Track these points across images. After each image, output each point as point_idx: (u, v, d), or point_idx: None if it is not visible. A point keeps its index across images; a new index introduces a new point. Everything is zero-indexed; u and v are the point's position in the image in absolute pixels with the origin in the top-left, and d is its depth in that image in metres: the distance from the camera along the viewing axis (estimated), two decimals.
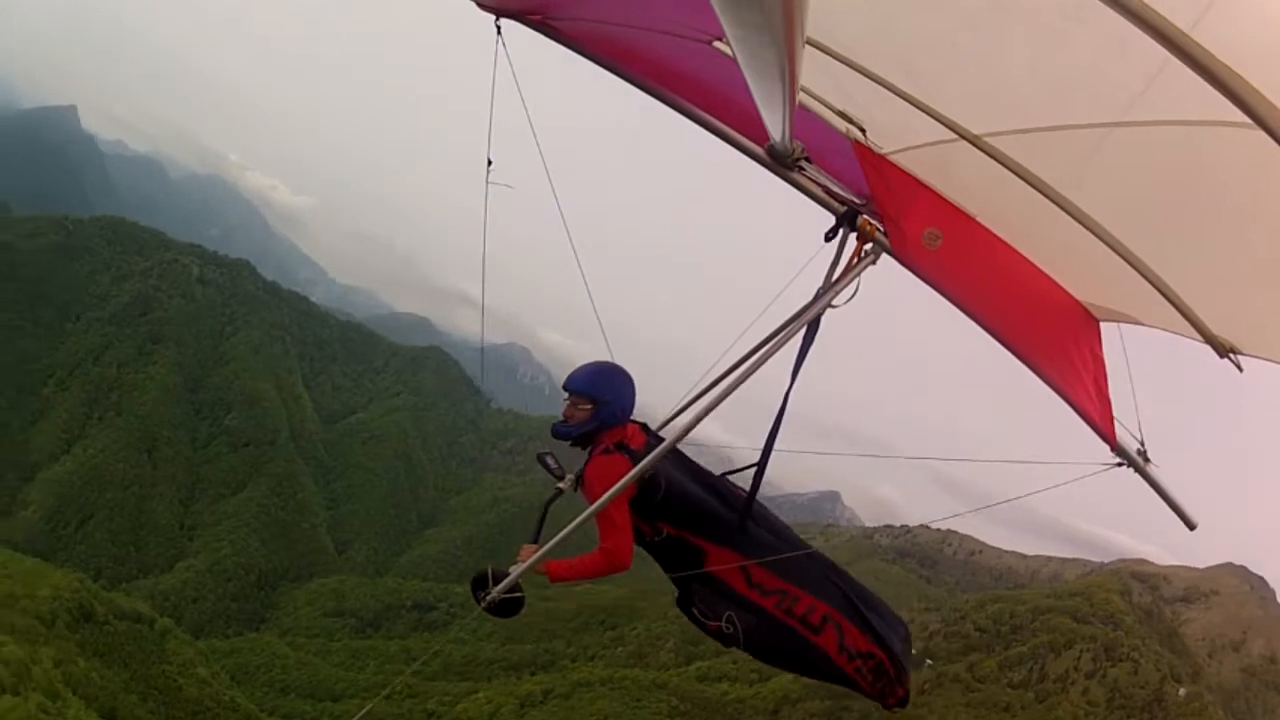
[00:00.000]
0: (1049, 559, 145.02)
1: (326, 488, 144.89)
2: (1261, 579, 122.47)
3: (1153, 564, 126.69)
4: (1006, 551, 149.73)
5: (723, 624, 5.11)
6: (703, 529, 5.15)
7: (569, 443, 5.44)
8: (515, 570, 5.29)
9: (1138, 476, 4.97)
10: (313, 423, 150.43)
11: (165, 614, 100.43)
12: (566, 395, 5.39)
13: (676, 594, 5.30)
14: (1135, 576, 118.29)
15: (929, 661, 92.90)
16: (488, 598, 5.31)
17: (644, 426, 5.48)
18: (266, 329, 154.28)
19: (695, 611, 5.20)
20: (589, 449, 5.36)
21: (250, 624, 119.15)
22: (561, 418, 5.43)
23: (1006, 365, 4.75)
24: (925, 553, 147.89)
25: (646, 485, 5.04)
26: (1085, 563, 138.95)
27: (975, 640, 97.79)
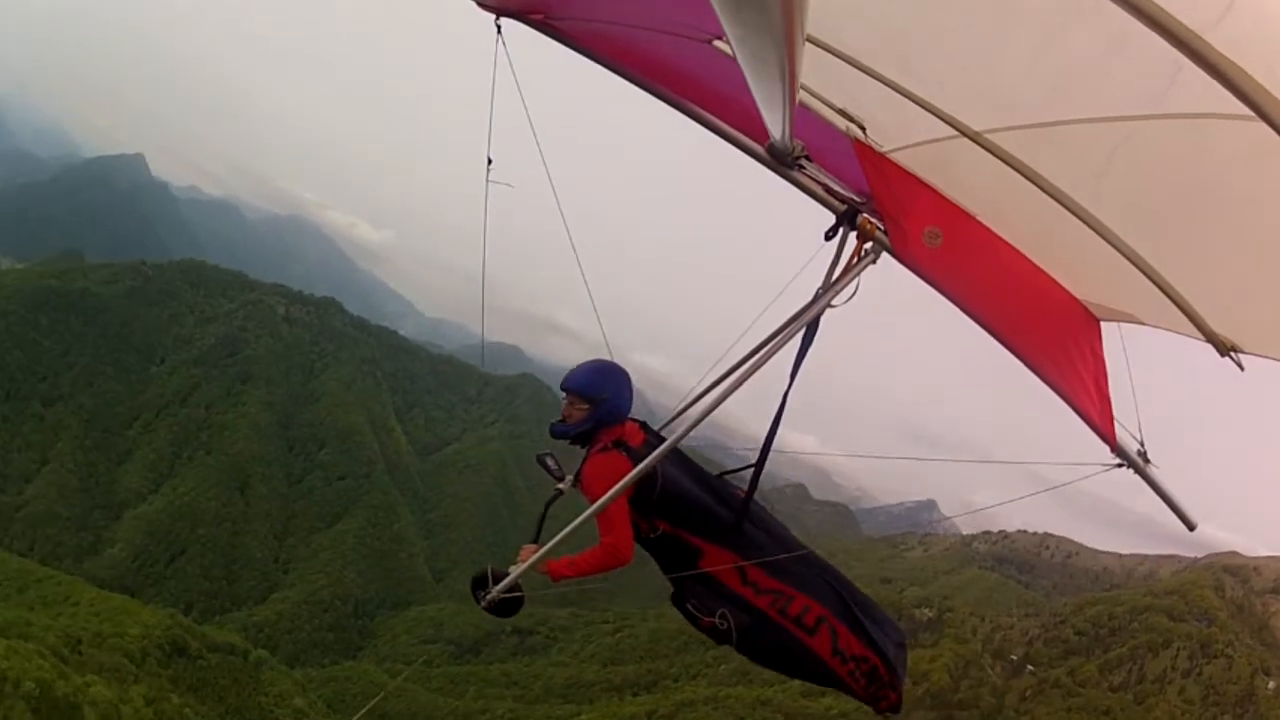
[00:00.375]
0: (1144, 557, 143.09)
1: (423, 518, 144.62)
2: None
3: (1243, 555, 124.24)
4: (1103, 552, 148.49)
5: (716, 620, 5.11)
6: (699, 527, 5.16)
7: (568, 442, 5.46)
8: (515, 570, 5.31)
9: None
10: (407, 455, 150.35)
11: (260, 645, 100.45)
12: (564, 394, 5.42)
13: (671, 591, 5.30)
14: (1227, 570, 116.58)
15: (1030, 668, 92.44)
16: (487, 597, 5.32)
17: (643, 424, 5.49)
18: (357, 364, 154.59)
19: (689, 607, 5.21)
20: (587, 448, 5.37)
21: (347, 653, 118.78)
22: (560, 417, 5.45)
23: (1008, 364, 4.76)
24: (1023, 558, 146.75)
25: (643, 482, 5.04)
26: (1179, 559, 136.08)
27: (1075, 644, 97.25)
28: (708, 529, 5.15)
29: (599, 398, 5.31)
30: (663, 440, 5.12)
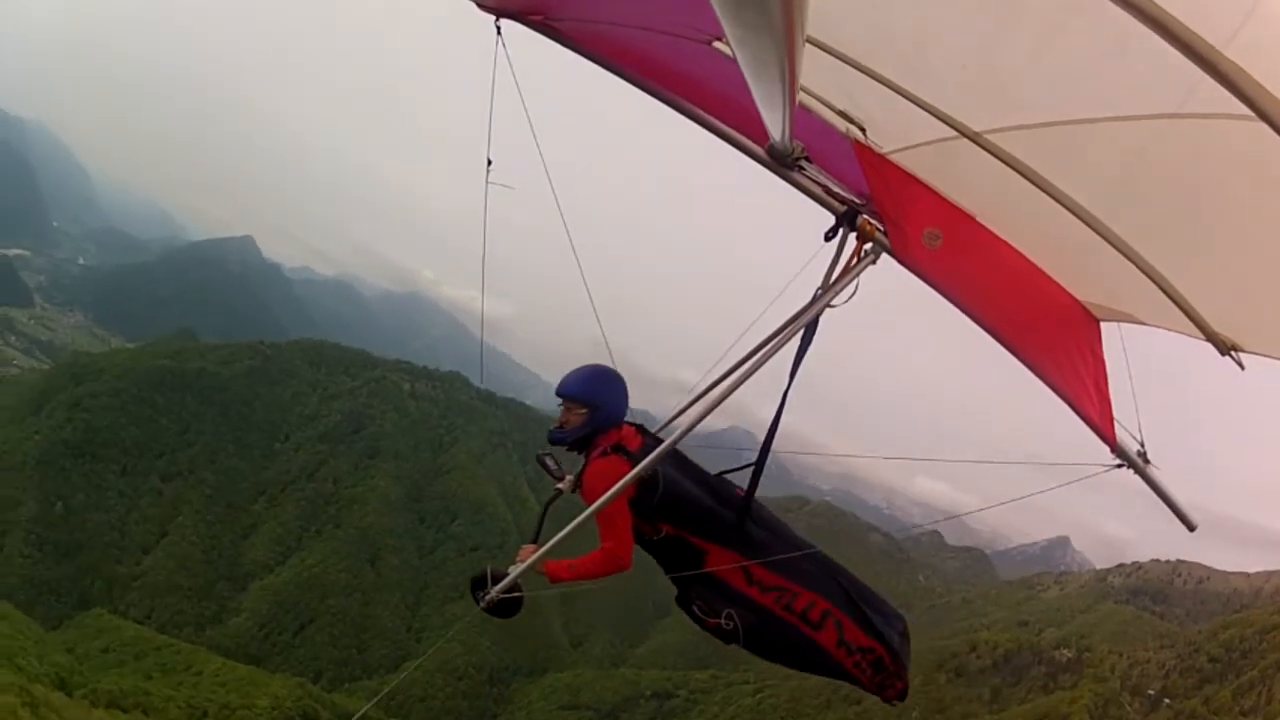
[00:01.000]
0: (1270, 574, 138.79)
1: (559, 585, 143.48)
2: None
3: None
4: (1233, 573, 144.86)
5: (722, 621, 5.13)
6: (702, 528, 5.17)
7: (566, 448, 5.48)
8: (514, 570, 5.31)
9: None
10: None
11: (392, 714, 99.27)
12: (560, 401, 5.42)
13: (676, 593, 5.31)
14: None
15: (1167, 701, 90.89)
16: (486, 598, 5.32)
17: (640, 428, 5.50)
18: (486, 437, 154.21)
19: (695, 609, 5.22)
20: (586, 453, 5.38)
21: None
22: (557, 424, 5.46)
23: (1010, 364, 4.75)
24: (1156, 588, 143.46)
25: (645, 485, 5.06)
26: None
27: (1209, 672, 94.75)
28: (710, 530, 5.16)
29: (596, 403, 5.33)
30: (661, 442, 5.13)
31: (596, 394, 5.35)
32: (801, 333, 4.92)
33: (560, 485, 5.62)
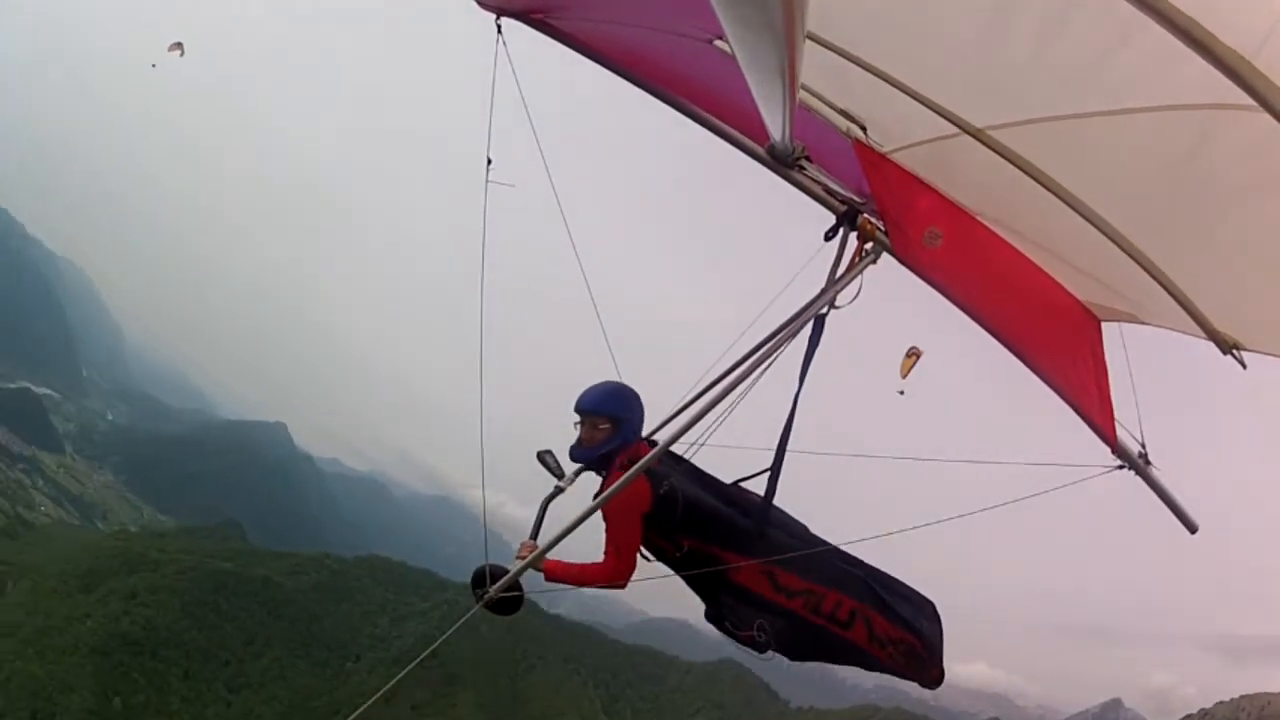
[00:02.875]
0: None
1: None
2: None
3: None
4: None
5: (755, 633, 5.15)
6: (724, 539, 5.16)
7: (586, 467, 5.46)
8: (514, 568, 5.30)
9: None
10: None
11: None
12: (578, 420, 5.36)
13: (705, 609, 5.33)
14: None
15: None
16: (486, 596, 5.31)
17: (653, 443, 5.44)
18: (561, 663, 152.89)
19: (727, 625, 5.24)
20: (605, 471, 5.35)
21: None
22: (577, 442, 5.39)
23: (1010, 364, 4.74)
24: None
25: (665, 503, 5.07)
26: None
27: None
28: (732, 540, 5.16)
29: (622, 417, 5.30)
30: (679, 460, 5.15)
31: (621, 409, 5.32)
32: (809, 334, 4.92)
33: (560, 483, 5.61)
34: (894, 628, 5.18)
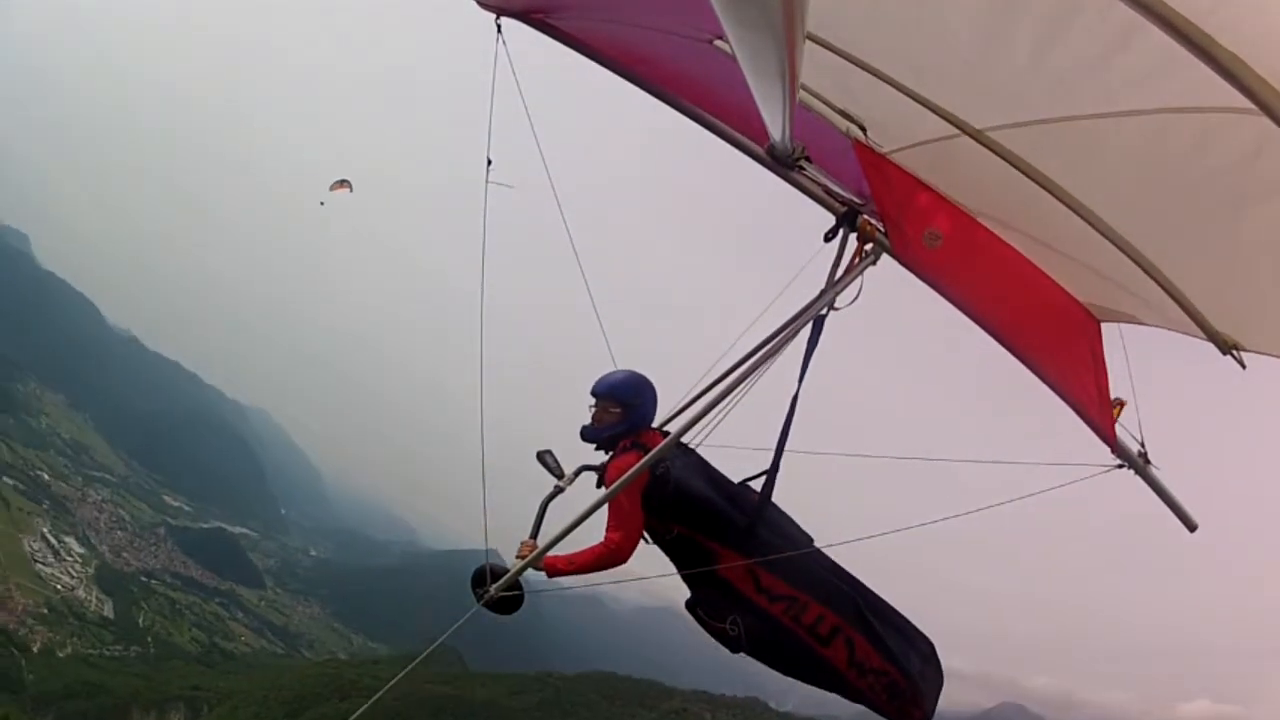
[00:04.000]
0: None
1: None
2: None
3: None
4: None
5: (727, 626, 5.08)
6: (710, 530, 5.12)
7: (594, 446, 5.51)
8: (515, 567, 5.30)
9: None
10: None
11: None
12: (593, 402, 5.48)
13: (689, 595, 5.29)
14: None
15: None
16: (486, 595, 5.32)
17: (665, 433, 5.44)
18: None
19: (700, 613, 5.19)
20: (611, 453, 5.40)
21: None
22: (590, 423, 5.48)
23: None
24: None
25: (657, 483, 5.07)
26: None
27: None
28: (720, 532, 5.11)
29: (632, 402, 5.39)
30: (685, 447, 5.15)
31: (632, 394, 5.42)
32: (808, 334, 4.91)
33: (560, 483, 5.62)
34: (877, 655, 4.94)
